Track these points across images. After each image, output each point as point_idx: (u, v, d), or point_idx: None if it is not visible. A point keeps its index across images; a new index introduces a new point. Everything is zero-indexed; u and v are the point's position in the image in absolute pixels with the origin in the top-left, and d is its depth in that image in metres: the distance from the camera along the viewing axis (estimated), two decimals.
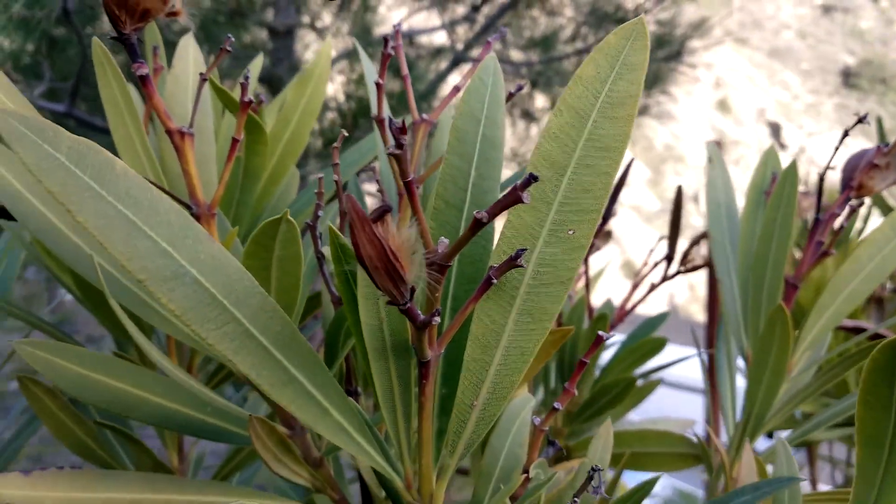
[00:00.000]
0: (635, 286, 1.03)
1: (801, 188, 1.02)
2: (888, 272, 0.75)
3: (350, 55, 4.89)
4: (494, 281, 0.43)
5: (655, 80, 4.97)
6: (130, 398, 0.59)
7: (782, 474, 0.56)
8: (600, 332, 0.50)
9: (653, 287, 1.01)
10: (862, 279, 0.75)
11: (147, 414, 0.60)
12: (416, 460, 0.47)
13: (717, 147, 0.98)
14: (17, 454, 0.92)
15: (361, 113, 4.29)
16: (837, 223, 0.80)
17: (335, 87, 4.84)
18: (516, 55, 5.14)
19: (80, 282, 0.75)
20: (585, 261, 1.04)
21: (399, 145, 0.36)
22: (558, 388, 1.03)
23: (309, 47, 5.08)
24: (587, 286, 1.03)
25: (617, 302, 1.09)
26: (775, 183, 0.81)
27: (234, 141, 0.57)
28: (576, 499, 0.46)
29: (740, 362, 0.88)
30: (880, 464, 0.45)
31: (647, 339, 0.96)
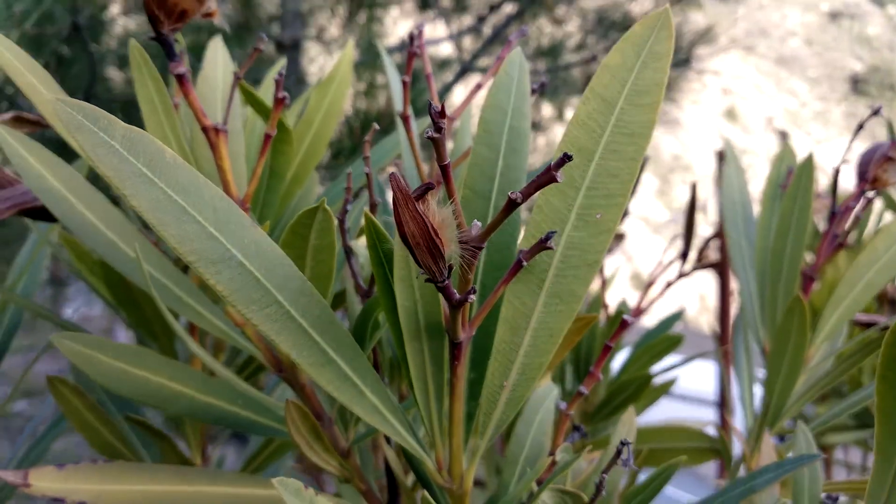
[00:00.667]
0: (650, 284, 1.05)
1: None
2: (891, 276, 0.76)
3: (358, 66, 4.93)
4: (525, 263, 0.44)
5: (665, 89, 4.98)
6: (167, 392, 0.61)
7: (801, 451, 0.57)
8: (625, 316, 0.51)
9: (669, 284, 1.02)
10: (878, 270, 0.76)
11: (183, 406, 0.61)
12: (446, 442, 0.48)
13: (731, 146, 1.00)
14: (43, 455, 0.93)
15: (369, 124, 4.32)
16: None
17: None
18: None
19: (109, 282, 0.77)
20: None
21: (438, 129, 0.37)
22: (574, 389, 1.04)
23: (314, 61, 5.12)
24: (603, 285, 1.05)
25: (632, 307, 1.10)
26: (791, 177, 0.83)
27: (267, 137, 0.59)
28: (604, 475, 0.47)
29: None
30: None
31: (663, 336, 0.98)
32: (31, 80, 0.55)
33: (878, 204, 1.37)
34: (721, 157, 2.21)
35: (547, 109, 5.34)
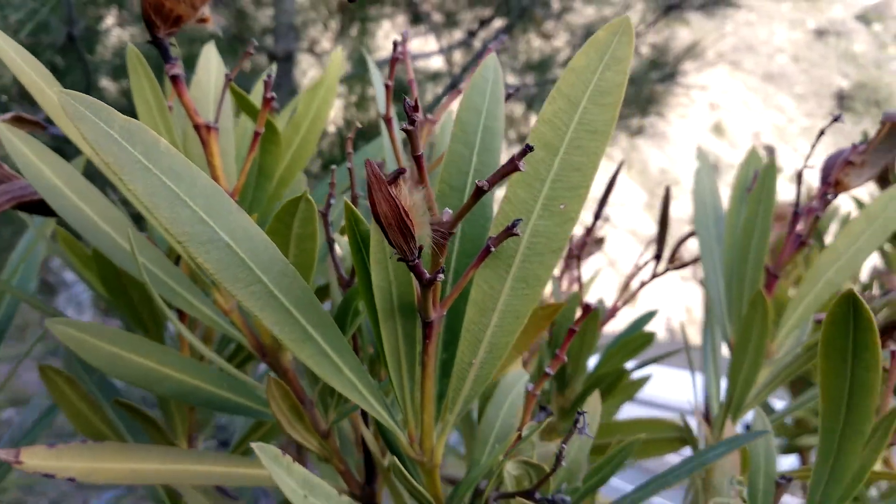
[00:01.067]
0: (626, 285, 1.08)
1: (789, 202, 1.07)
2: (863, 261, 0.80)
3: (349, 79, 4.98)
4: (493, 249, 0.48)
5: (650, 102, 5.06)
6: (155, 374, 0.64)
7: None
8: (588, 302, 0.55)
9: (643, 284, 1.06)
10: (838, 268, 0.80)
11: (170, 389, 0.64)
12: (418, 417, 0.52)
13: (703, 152, 1.04)
14: None
15: (360, 136, 4.37)
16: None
17: (335, 112, 4.93)
18: (511, 79, 5.23)
19: (102, 274, 0.80)
20: (578, 265, 1.09)
21: (412, 122, 0.41)
22: (552, 389, 1.07)
23: (307, 73, 5.17)
24: (580, 287, 1.08)
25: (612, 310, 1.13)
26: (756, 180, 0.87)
27: (256, 134, 0.62)
28: (563, 444, 0.50)
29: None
30: (840, 413, 0.50)
31: (637, 333, 1.01)
32: (36, 79, 0.59)
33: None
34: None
35: (535, 122, 5.39)
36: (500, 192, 0.54)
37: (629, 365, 1.06)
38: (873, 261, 1.85)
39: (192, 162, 0.69)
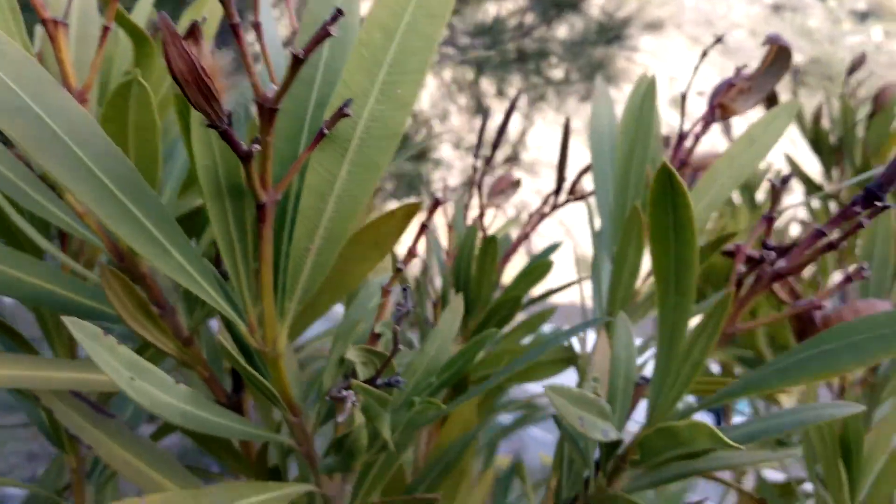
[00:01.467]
0: (531, 217, 1.09)
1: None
2: (738, 182, 0.82)
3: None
4: (326, 132, 0.47)
5: (599, 67, 5.09)
6: (6, 277, 0.62)
7: (619, 339, 0.62)
8: (437, 196, 0.55)
9: (543, 216, 1.06)
10: (719, 185, 0.82)
11: (24, 293, 0.63)
12: (258, 306, 0.51)
13: (602, 85, 1.04)
14: None
15: None
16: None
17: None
18: (465, 40, 5.21)
19: None
20: (479, 191, 1.09)
21: None
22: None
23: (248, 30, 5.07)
24: (481, 216, 1.08)
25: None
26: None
27: (105, 28, 0.60)
28: (396, 326, 0.50)
29: None
30: (671, 294, 0.51)
31: (537, 263, 1.02)
32: None
33: None
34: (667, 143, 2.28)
35: (487, 85, 5.39)
36: None
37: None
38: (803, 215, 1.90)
39: (49, 66, 0.67)
